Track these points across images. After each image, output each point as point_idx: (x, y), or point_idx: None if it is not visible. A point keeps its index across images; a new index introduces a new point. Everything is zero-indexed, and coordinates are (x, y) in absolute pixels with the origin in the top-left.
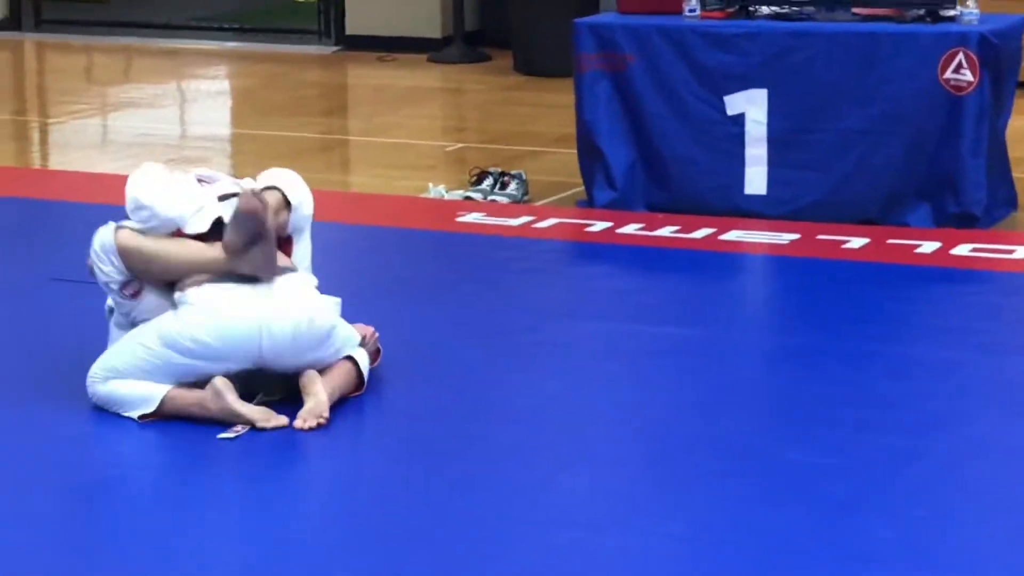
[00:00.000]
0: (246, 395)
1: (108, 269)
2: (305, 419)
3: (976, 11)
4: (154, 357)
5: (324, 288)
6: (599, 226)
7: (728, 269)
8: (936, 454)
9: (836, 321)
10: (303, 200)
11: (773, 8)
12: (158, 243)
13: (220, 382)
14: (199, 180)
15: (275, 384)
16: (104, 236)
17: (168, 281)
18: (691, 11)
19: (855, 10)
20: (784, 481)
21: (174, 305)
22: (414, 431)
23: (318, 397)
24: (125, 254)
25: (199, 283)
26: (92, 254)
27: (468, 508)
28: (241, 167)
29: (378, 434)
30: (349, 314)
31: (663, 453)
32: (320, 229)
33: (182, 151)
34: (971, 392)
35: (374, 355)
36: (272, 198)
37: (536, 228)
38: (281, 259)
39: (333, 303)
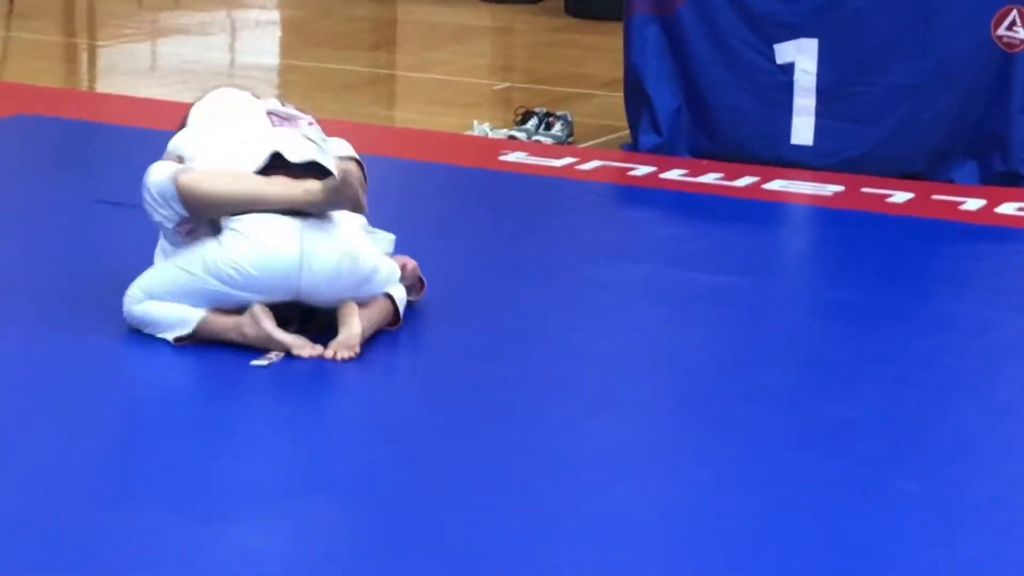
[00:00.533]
0: (282, 323)
1: (166, 212)
2: (336, 350)
3: None
4: (194, 282)
5: (368, 222)
6: (642, 170)
7: (770, 219)
8: (969, 412)
9: (876, 275)
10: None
11: None
12: (223, 184)
13: (258, 308)
14: (270, 114)
15: (313, 314)
16: (160, 181)
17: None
18: None
19: None
20: (815, 434)
21: (219, 231)
22: (447, 368)
23: (351, 329)
24: (189, 200)
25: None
26: (148, 197)
27: (493, 445)
28: (288, 98)
29: (411, 369)
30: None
31: (694, 400)
32: (368, 163)
33: (230, 79)
34: (1008, 351)
35: (417, 287)
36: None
37: (579, 170)
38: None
39: (387, 240)
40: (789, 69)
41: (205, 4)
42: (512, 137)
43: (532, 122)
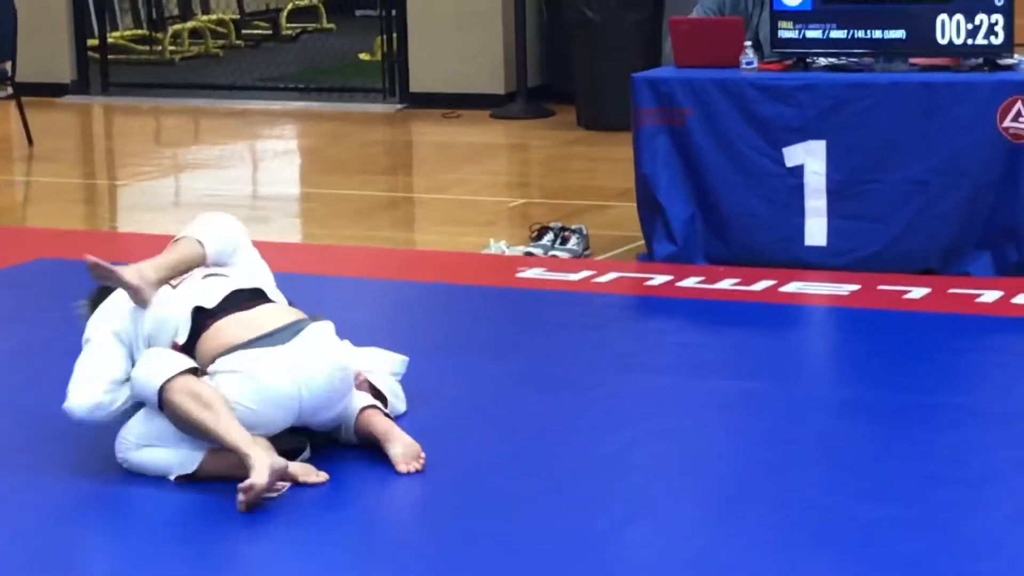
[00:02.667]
0: (291, 455)
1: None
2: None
3: None
4: None
5: (389, 346)
6: (659, 279)
7: (789, 321)
8: (1002, 507)
9: (898, 373)
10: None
11: (830, 60)
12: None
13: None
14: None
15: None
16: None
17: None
18: (748, 64)
19: (912, 60)
20: (850, 536)
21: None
22: (477, 485)
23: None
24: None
25: (225, 352)
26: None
27: (531, 565)
28: (307, 226)
29: (441, 486)
30: (411, 370)
31: (728, 509)
32: (385, 288)
33: (252, 210)
34: None
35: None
36: None
37: (596, 282)
38: (292, 312)
39: (399, 361)
40: (799, 171)
41: (221, 137)
42: (529, 253)
43: (548, 237)
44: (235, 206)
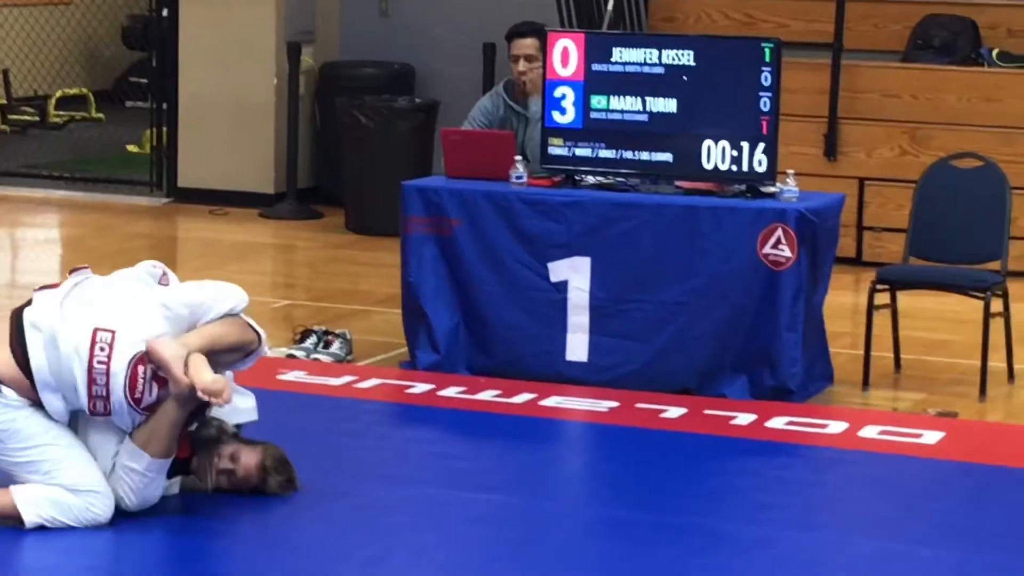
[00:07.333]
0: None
1: None
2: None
3: (795, 188)
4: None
5: None
6: (421, 388)
7: (547, 435)
8: None
9: (651, 492)
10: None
11: (598, 178)
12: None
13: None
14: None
15: None
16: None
17: None
18: (518, 178)
19: (678, 183)
20: None
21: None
22: None
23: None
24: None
25: None
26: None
27: None
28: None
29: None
30: None
31: None
32: None
33: (8, 299)
34: (780, 568)
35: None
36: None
37: (358, 388)
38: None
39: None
40: (563, 287)
41: None
42: (291, 356)
43: (311, 340)
44: None
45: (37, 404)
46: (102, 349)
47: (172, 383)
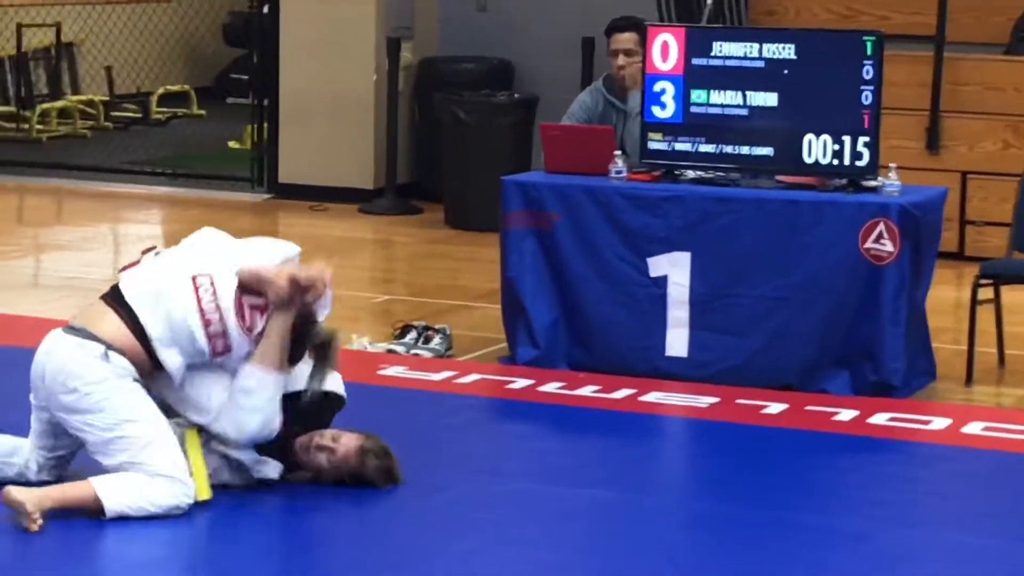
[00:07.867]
0: None
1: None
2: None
3: (897, 182)
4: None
5: None
6: (520, 383)
7: (647, 431)
8: None
9: (751, 487)
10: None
11: (698, 173)
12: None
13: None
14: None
15: None
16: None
17: None
18: (617, 173)
19: (778, 177)
20: None
21: None
22: None
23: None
24: None
25: None
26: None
27: None
28: None
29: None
30: None
31: None
32: None
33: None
34: (880, 565)
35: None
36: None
37: (457, 384)
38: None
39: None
40: (663, 282)
41: (86, 219)
42: (391, 351)
43: (411, 335)
44: (95, 289)
45: (142, 378)
46: (207, 291)
47: (271, 290)
